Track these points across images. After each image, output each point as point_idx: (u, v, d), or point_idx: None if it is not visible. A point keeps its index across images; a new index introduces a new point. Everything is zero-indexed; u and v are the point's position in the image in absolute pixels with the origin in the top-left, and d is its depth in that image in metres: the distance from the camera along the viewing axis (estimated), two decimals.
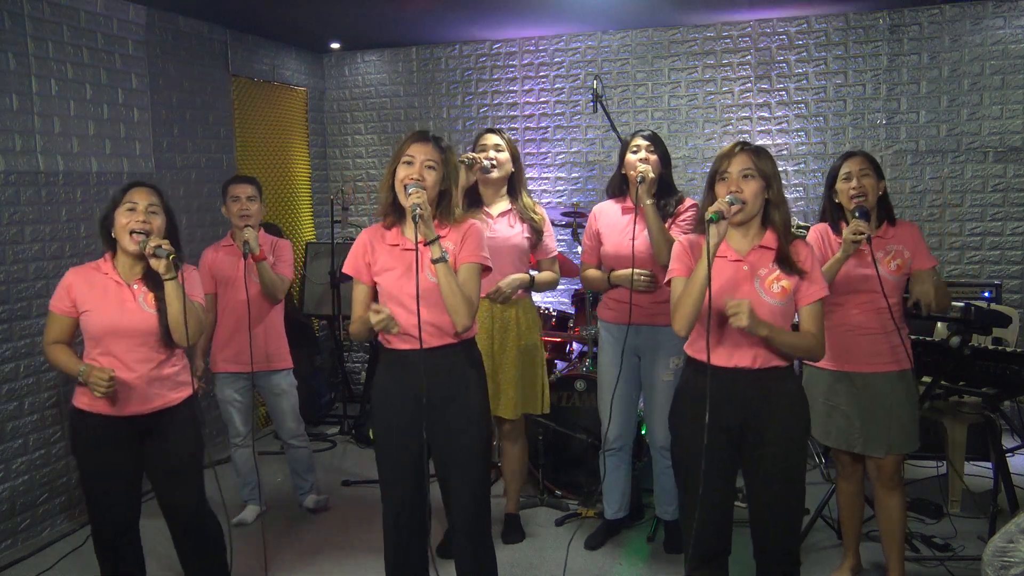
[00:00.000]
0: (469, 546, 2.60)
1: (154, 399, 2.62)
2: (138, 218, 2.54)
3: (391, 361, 2.56)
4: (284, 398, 3.81)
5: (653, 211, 3.14)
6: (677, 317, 2.39)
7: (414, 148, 2.46)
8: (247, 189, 3.66)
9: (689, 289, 2.34)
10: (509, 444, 3.57)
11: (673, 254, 2.52)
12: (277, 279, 3.65)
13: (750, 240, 2.44)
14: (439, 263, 2.40)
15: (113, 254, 2.65)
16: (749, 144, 2.44)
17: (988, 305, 3.89)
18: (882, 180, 2.93)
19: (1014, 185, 4.83)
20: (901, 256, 2.89)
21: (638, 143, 3.25)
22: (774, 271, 2.39)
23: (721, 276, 2.38)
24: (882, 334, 2.87)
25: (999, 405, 3.32)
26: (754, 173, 2.36)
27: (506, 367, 3.39)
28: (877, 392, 2.87)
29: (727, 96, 5.27)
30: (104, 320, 2.56)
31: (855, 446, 2.92)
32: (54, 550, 3.65)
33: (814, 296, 2.40)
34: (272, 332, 3.75)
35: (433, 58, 5.84)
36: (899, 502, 2.96)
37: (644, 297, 3.27)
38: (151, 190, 2.63)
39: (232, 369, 3.70)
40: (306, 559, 3.53)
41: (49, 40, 3.78)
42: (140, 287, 2.60)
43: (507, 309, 3.39)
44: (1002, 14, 4.76)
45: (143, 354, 2.59)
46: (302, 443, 3.90)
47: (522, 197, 3.44)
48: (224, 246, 3.76)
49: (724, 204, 2.32)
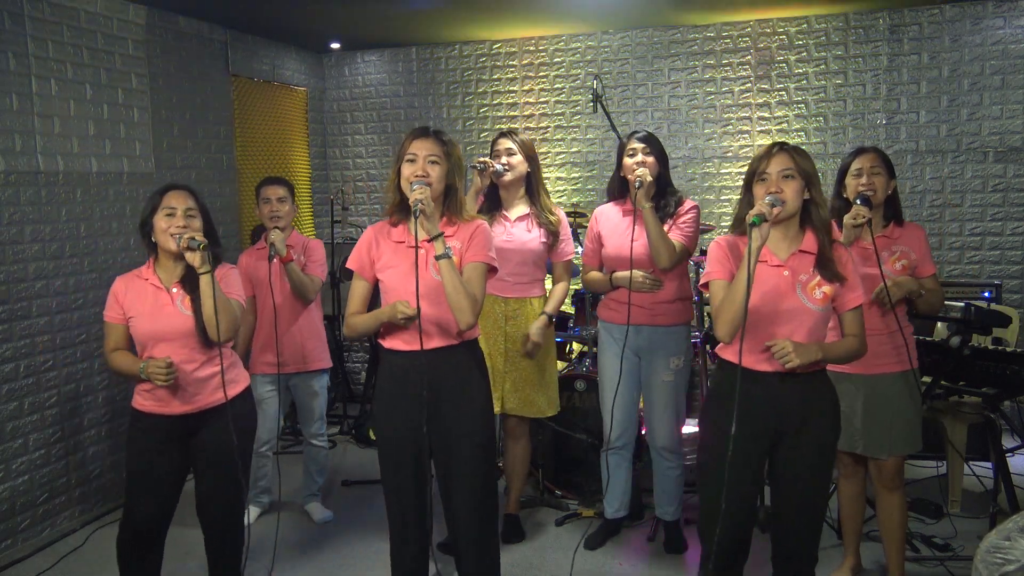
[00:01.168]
0: (472, 548, 2.59)
1: (198, 399, 2.66)
2: (178, 223, 2.58)
3: (392, 362, 2.56)
4: (317, 399, 3.85)
5: (652, 215, 3.14)
6: (720, 323, 2.33)
7: (416, 145, 2.46)
8: (278, 191, 3.68)
9: (733, 296, 2.28)
10: (512, 442, 3.58)
11: (710, 256, 2.46)
12: (306, 279, 3.65)
13: (789, 242, 2.39)
14: (442, 260, 2.39)
15: (155, 259, 2.69)
16: (787, 144, 2.39)
17: (988, 305, 3.90)
18: (893, 179, 2.89)
19: (1014, 185, 4.83)
20: (907, 257, 2.87)
21: (634, 146, 3.25)
22: (815, 276, 2.35)
23: (765, 283, 2.34)
24: (886, 334, 2.85)
25: (999, 405, 3.32)
26: (794, 173, 2.32)
27: (520, 364, 3.41)
28: (880, 393, 2.86)
29: (727, 96, 5.27)
30: (145, 325, 2.62)
31: (857, 447, 2.91)
32: (54, 550, 3.65)
33: (855, 302, 2.38)
34: (308, 332, 3.76)
35: (433, 58, 5.84)
36: (900, 502, 2.95)
37: (645, 297, 3.27)
38: (187, 193, 2.66)
39: (269, 371, 3.71)
40: (306, 559, 3.53)
41: (49, 40, 3.78)
42: (179, 291, 2.65)
43: (522, 306, 3.42)
44: (1002, 14, 4.76)
45: (185, 355, 2.62)
46: (322, 442, 3.93)
47: (540, 198, 3.43)
48: (258, 249, 3.79)
49: (766, 206, 2.26)
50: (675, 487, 3.46)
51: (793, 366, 2.24)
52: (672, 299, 3.31)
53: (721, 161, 5.32)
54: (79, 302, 3.93)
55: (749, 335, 2.29)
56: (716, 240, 2.49)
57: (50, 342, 3.79)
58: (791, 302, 2.34)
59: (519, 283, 3.41)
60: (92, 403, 4.02)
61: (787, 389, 2.35)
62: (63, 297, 3.85)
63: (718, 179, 5.34)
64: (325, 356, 3.86)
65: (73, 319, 3.90)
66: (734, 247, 2.42)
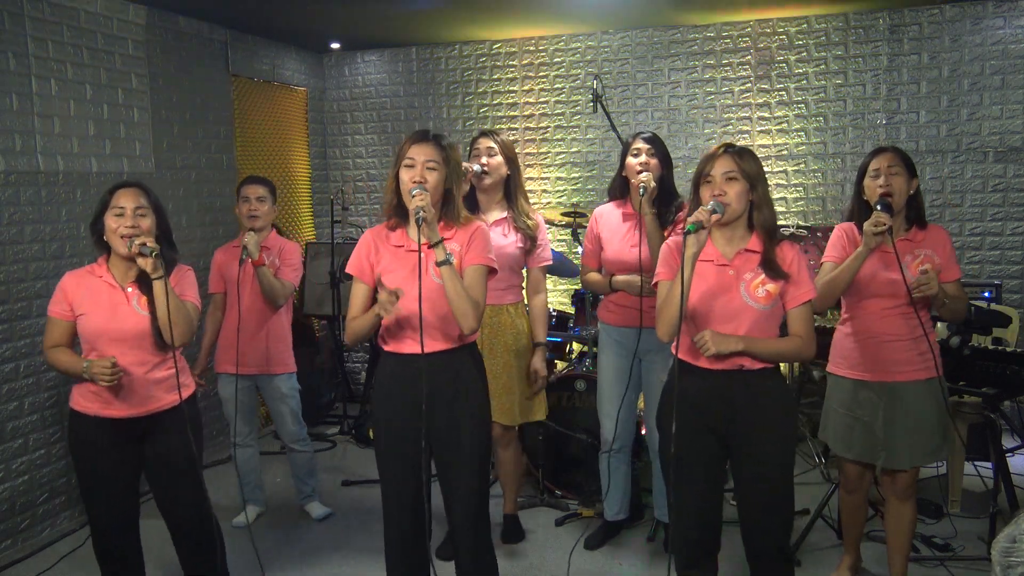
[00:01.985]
0: (471, 547, 2.59)
1: (150, 401, 2.61)
2: (127, 223, 2.51)
3: (392, 364, 2.55)
4: (284, 402, 3.78)
5: (654, 222, 3.13)
6: (660, 323, 2.39)
7: (414, 150, 2.44)
8: (258, 190, 3.65)
9: (671, 297, 2.33)
10: (502, 450, 3.51)
11: (660, 257, 2.50)
12: (277, 284, 3.60)
13: (736, 243, 2.43)
14: (444, 266, 2.38)
15: (107, 257, 2.63)
16: (733, 146, 2.42)
17: (988, 305, 3.89)
18: (914, 178, 2.78)
19: (1014, 185, 4.83)
20: (931, 261, 2.75)
21: (638, 146, 3.23)
22: (759, 275, 2.38)
23: (706, 281, 2.38)
24: (908, 340, 2.76)
25: (999, 405, 3.31)
26: (737, 175, 2.35)
27: (498, 373, 3.32)
28: (902, 401, 2.77)
29: (727, 96, 5.27)
30: (98, 323, 2.55)
31: (878, 459, 2.83)
32: (54, 550, 3.65)
33: (801, 299, 2.39)
34: (274, 335, 3.72)
35: (433, 58, 5.84)
36: (911, 513, 2.90)
37: (645, 300, 3.26)
38: (138, 190, 2.58)
39: (232, 370, 3.68)
40: (306, 560, 3.53)
41: (49, 40, 3.78)
42: (134, 290, 2.59)
43: (498, 314, 3.34)
44: (1002, 14, 4.76)
45: (137, 357, 2.57)
46: (303, 447, 3.88)
47: (518, 202, 3.35)
48: (233, 246, 3.75)
49: (704, 214, 2.29)
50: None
51: (711, 355, 2.30)
52: None
53: None
54: None
55: (693, 332, 2.36)
56: (666, 242, 2.54)
57: None
58: (733, 300, 2.37)
59: (495, 289, 3.27)
60: None
61: (734, 385, 2.38)
62: None
63: None
64: (289, 360, 3.80)
65: None
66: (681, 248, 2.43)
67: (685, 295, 2.27)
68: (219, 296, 3.71)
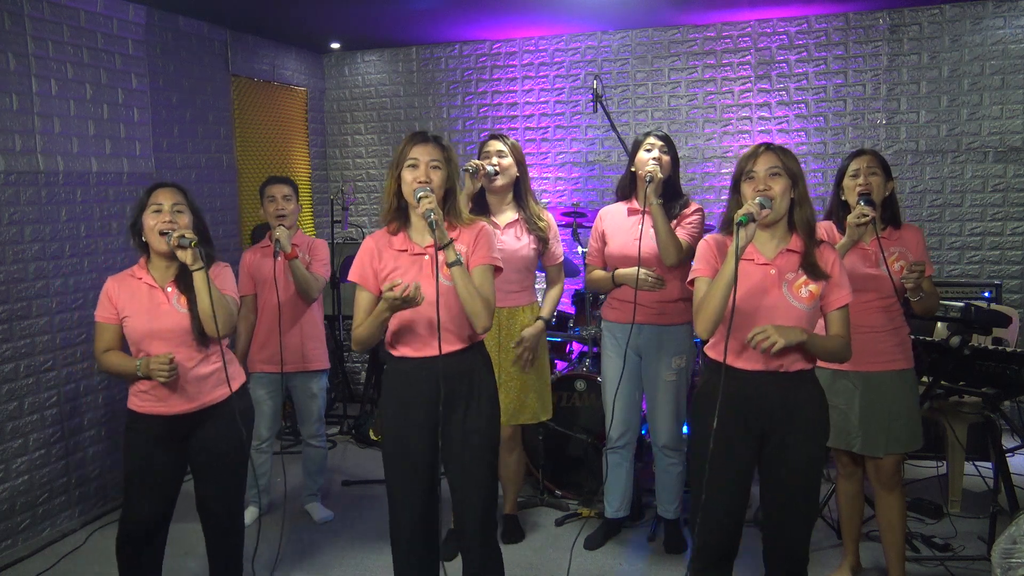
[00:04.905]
0: (478, 547, 2.57)
1: (198, 397, 2.66)
2: (164, 219, 2.57)
3: (402, 369, 2.52)
4: (316, 400, 3.83)
5: (660, 212, 3.13)
6: (700, 319, 2.34)
7: (417, 150, 2.43)
8: (283, 189, 3.70)
9: (714, 291, 2.29)
10: (506, 453, 3.50)
11: (698, 253, 2.47)
12: (311, 277, 3.64)
13: (776, 243, 2.40)
14: (455, 267, 2.37)
15: (147, 258, 2.68)
16: (773, 144, 2.42)
17: (988, 305, 3.89)
18: (891, 180, 2.92)
19: (1014, 185, 4.83)
20: (905, 258, 2.88)
21: (652, 142, 3.25)
22: (801, 276, 2.36)
23: (749, 280, 2.35)
24: (883, 332, 2.86)
25: (999, 405, 3.32)
26: (781, 171, 2.34)
27: (515, 374, 3.36)
28: (878, 391, 2.86)
29: (727, 96, 5.27)
30: (141, 324, 2.61)
31: (853, 445, 2.91)
32: (54, 550, 3.65)
33: (841, 301, 2.38)
34: (308, 332, 3.76)
35: (433, 58, 5.84)
36: (898, 502, 2.95)
37: (649, 296, 3.27)
38: (175, 189, 2.66)
39: (267, 369, 3.71)
40: (307, 560, 3.53)
41: (49, 40, 3.78)
42: (174, 290, 2.64)
43: (513, 315, 3.37)
44: (1002, 14, 4.76)
45: (182, 354, 2.61)
46: (319, 443, 3.92)
47: (529, 204, 3.39)
48: (262, 247, 3.78)
49: (754, 206, 2.27)
50: (677, 484, 3.46)
51: (779, 348, 2.21)
52: (676, 298, 3.31)
53: (721, 161, 5.32)
54: (79, 302, 3.93)
55: (733, 334, 2.31)
56: (705, 238, 2.50)
57: (50, 342, 3.79)
58: (775, 299, 2.35)
59: (510, 292, 3.34)
60: (92, 403, 4.02)
61: (772, 387, 2.36)
62: (63, 297, 3.86)
63: (718, 179, 5.34)
64: (324, 357, 3.85)
65: (73, 319, 3.90)
66: (722, 245, 2.43)
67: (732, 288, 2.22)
68: (250, 298, 3.74)
